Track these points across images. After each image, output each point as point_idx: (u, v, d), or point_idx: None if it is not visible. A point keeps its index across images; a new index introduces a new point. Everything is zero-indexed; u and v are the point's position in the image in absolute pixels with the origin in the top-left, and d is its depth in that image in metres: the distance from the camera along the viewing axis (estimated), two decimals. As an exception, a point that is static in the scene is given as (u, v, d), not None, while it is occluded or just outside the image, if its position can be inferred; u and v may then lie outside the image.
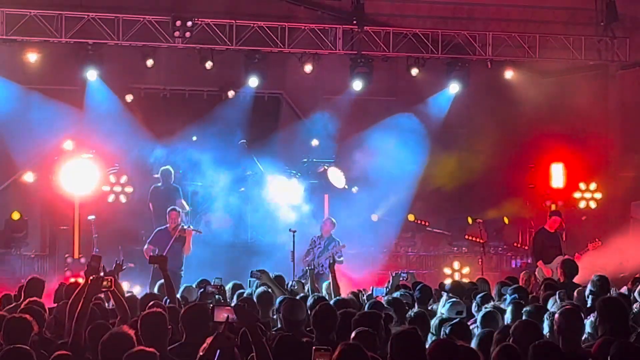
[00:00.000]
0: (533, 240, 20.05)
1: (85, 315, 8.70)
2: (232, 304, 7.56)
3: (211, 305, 7.21)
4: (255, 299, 11.32)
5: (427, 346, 8.41)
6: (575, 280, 14.58)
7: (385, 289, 13.49)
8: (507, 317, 10.01)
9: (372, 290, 13.24)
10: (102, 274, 9.58)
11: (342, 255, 19.28)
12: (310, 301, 10.75)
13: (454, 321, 9.08)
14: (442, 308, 10.95)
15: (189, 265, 18.81)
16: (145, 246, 18.84)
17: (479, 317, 9.73)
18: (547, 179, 23.41)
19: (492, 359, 7.36)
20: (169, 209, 19.17)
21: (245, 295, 12.27)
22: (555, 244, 19.27)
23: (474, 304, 11.44)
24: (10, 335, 8.38)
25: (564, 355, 7.57)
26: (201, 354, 7.27)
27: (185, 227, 18.89)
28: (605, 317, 8.76)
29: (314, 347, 6.30)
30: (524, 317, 9.44)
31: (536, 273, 18.70)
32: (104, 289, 9.33)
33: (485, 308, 10.23)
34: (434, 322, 9.78)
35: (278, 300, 11.11)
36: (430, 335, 9.50)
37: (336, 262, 18.65)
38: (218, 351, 7.15)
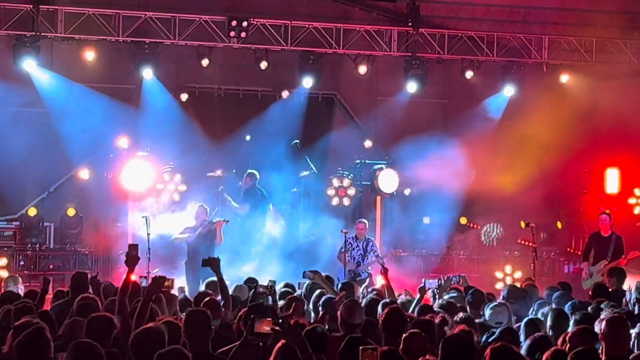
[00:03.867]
0: (585, 243, 20.05)
1: (145, 312, 8.72)
2: (275, 318, 7.38)
3: (252, 316, 7.15)
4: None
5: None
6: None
7: (437, 281, 13.44)
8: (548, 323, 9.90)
9: (424, 283, 13.21)
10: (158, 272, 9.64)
11: (377, 251, 19.30)
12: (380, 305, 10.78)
13: (502, 327, 9.04)
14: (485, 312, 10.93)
15: (241, 265, 18.93)
16: (173, 237, 19.24)
17: (522, 325, 9.65)
18: (602, 184, 23.21)
19: None
20: (197, 206, 19.45)
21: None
22: (603, 248, 19.16)
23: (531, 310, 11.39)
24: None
25: None
26: None
27: (214, 220, 19.12)
28: None
29: (360, 347, 6.28)
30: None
31: (582, 273, 18.73)
32: (164, 289, 9.40)
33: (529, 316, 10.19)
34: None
35: (323, 299, 11.15)
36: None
37: (378, 261, 18.76)
38: None
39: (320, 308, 10.99)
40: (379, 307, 10.58)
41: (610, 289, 14.36)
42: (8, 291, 12.89)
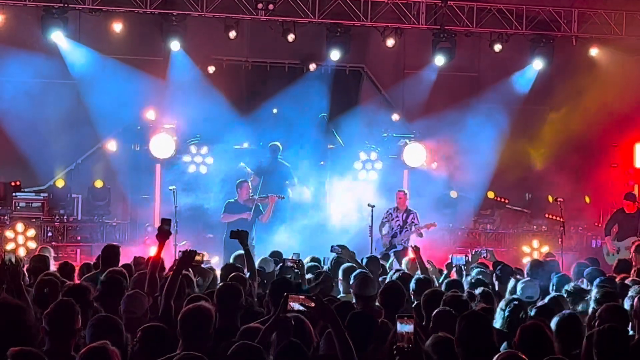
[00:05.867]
0: (609, 217, 20.01)
1: (174, 286, 8.71)
2: (309, 295, 7.36)
3: (285, 294, 7.15)
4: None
5: (495, 325, 8.41)
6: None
7: (464, 257, 13.39)
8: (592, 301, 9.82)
9: (452, 259, 13.18)
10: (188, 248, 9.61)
11: (419, 224, 19.19)
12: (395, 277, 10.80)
13: (540, 304, 9.00)
14: (514, 286, 10.88)
15: (264, 239, 18.96)
16: (222, 215, 19.11)
17: (546, 300, 9.61)
18: (631, 159, 23.05)
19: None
20: (239, 181, 19.43)
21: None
22: (631, 224, 19.11)
23: (551, 285, 11.33)
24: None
25: (630, 339, 7.48)
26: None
27: (260, 196, 19.12)
28: None
29: (396, 315, 6.26)
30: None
31: (602, 250, 18.68)
32: (195, 263, 9.39)
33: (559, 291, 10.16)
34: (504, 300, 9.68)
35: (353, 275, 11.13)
36: (500, 312, 9.34)
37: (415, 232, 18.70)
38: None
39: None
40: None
41: (635, 265, 14.33)
42: (38, 256, 12.89)
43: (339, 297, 10.49)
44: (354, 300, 9.45)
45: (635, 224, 19.12)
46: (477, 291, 10.13)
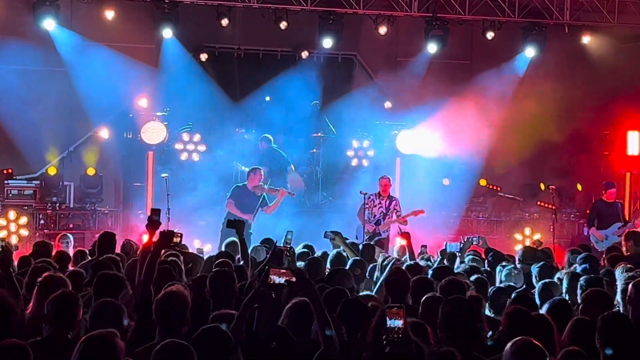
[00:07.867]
0: (590, 210, 20.08)
1: (152, 269, 8.45)
2: (290, 267, 7.37)
3: (267, 267, 7.12)
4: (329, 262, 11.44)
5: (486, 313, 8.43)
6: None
7: (459, 244, 13.39)
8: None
9: (446, 246, 13.18)
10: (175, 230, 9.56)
11: (400, 211, 19.02)
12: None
13: (518, 290, 9.02)
14: (500, 275, 10.92)
15: (259, 226, 18.95)
16: (227, 200, 18.90)
17: (537, 289, 9.65)
18: (623, 147, 23.07)
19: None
20: (252, 167, 19.29)
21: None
22: (613, 212, 19.18)
23: (533, 275, 11.38)
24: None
25: (634, 326, 7.48)
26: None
27: (267, 187, 18.98)
28: None
29: (386, 306, 6.28)
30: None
31: (590, 239, 18.74)
32: (173, 244, 9.33)
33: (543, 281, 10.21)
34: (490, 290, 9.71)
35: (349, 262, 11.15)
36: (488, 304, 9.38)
37: (398, 220, 18.59)
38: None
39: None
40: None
41: (626, 252, 14.37)
42: (38, 245, 12.92)
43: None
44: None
45: (616, 212, 19.21)
46: (472, 278, 10.16)
